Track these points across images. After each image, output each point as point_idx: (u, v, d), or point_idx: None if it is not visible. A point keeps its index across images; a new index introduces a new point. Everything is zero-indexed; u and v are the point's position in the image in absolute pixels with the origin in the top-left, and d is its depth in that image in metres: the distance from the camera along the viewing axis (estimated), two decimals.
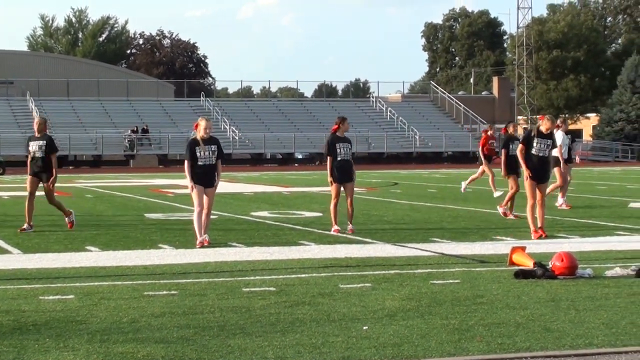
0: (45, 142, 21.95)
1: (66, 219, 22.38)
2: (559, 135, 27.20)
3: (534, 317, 11.27)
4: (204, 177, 19.08)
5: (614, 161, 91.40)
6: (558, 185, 28.11)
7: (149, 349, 9.63)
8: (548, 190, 26.48)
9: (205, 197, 19.08)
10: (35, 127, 22.30)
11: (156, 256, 17.52)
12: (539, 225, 20.19)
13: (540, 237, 19.54)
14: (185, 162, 19.20)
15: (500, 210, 25.01)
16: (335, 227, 21.20)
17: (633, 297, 12.63)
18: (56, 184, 21.77)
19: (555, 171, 27.29)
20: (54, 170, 21.84)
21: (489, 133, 32.04)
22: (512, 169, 24.24)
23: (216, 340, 10.07)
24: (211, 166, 19.10)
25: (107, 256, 17.56)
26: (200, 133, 19.14)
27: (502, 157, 24.44)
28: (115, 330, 10.59)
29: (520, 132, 28.36)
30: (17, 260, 17.14)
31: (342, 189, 21.31)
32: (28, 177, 22.28)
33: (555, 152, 27.36)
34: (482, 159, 31.77)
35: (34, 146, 21.85)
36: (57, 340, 10.06)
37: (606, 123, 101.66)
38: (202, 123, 19.34)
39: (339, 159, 21.26)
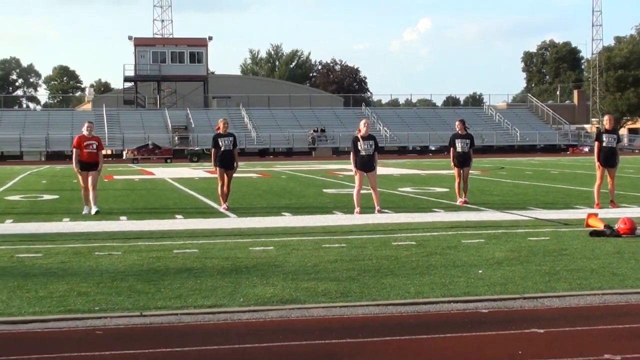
0: (232, 138, 20.17)
1: (225, 204, 19.92)
2: None
3: (604, 265, 11.06)
4: (364, 165, 19.04)
5: None
6: None
7: (326, 285, 9.71)
8: None
9: (369, 179, 19.07)
10: (223, 126, 20.05)
11: (331, 219, 17.61)
12: (610, 198, 19.73)
13: (600, 208, 18.95)
14: (351, 153, 19.21)
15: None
16: (460, 199, 21.02)
17: None
18: (261, 168, 21.63)
19: None
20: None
21: None
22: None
23: (373, 279, 10.10)
24: (369, 156, 19.04)
25: (297, 219, 17.71)
26: (360, 132, 19.12)
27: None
28: (302, 271, 10.70)
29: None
30: (233, 222, 17.40)
31: (461, 171, 21.17)
32: (218, 169, 20.04)
33: None
34: None
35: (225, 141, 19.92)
36: (262, 278, 10.21)
37: None
38: (362, 123, 19.34)
39: (458, 150, 21.18)
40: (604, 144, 19.74)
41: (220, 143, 19.92)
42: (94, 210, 18.91)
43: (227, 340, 7.40)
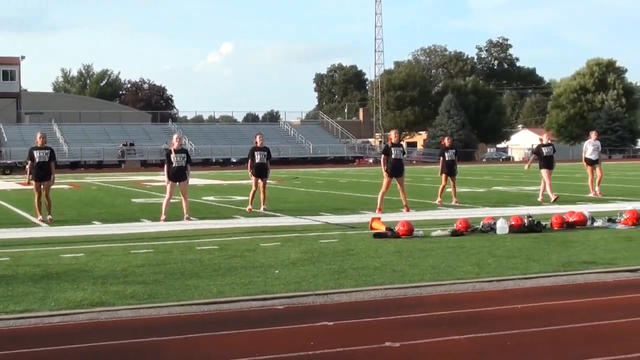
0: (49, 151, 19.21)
1: (49, 216, 18.90)
2: (593, 143, 25.79)
3: (386, 263, 11.33)
4: (176, 175, 18.91)
5: (437, 161, 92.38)
6: (592, 178, 25.66)
7: (134, 288, 9.53)
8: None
9: (180, 189, 18.93)
10: (40, 140, 19.19)
11: (139, 227, 17.34)
12: (404, 204, 20.23)
13: (382, 213, 19.42)
14: (165, 165, 18.99)
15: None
16: (249, 207, 21.04)
17: (449, 249, 12.77)
18: (73, 180, 20.97)
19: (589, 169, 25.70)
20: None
21: None
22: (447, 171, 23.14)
23: (179, 281, 9.99)
24: (181, 167, 18.92)
25: (106, 227, 17.34)
26: (174, 145, 19.03)
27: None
28: (111, 276, 10.46)
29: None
30: (45, 231, 16.86)
31: (259, 181, 21.26)
32: (34, 182, 19.03)
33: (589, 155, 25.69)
34: None
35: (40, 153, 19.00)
36: (72, 283, 9.91)
37: (432, 137, 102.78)
38: (174, 137, 19.27)
39: (257, 161, 21.25)
40: (392, 156, 20.25)
41: (35, 155, 19.15)
42: None
43: (38, 343, 7.13)
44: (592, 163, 25.86)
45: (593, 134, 26.61)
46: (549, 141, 24.25)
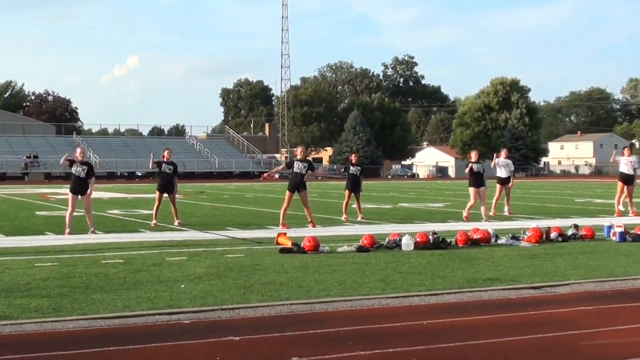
0: None
1: None
2: (502, 161, 25.04)
3: (292, 278, 11.37)
4: (77, 187, 18.67)
5: (342, 177, 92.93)
6: (496, 197, 24.99)
7: (38, 301, 9.37)
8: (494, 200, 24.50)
9: (82, 202, 18.69)
10: None
11: (43, 240, 17.02)
12: (309, 219, 20.38)
13: (288, 228, 19.48)
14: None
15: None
16: (154, 221, 20.85)
17: (355, 265, 12.87)
18: None
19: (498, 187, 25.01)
20: None
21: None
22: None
23: (83, 295, 9.86)
24: (81, 179, 18.67)
25: (10, 240, 16.96)
26: (78, 158, 18.82)
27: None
28: (15, 289, 10.26)
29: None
30: None
31: (166, 196, 21.19)
32: None
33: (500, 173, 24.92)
34: None
35: None
36: None
37: (337, 153, 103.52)
38: (78, 150, 19.05)
39: (163, 176, 21.23)
40: (295, 170, 20.43)
41: None
42: None
43: None
44: (501, 182, 25.13)
45: (503, 152, 25.79)
46: (477, 159, 23.45)
